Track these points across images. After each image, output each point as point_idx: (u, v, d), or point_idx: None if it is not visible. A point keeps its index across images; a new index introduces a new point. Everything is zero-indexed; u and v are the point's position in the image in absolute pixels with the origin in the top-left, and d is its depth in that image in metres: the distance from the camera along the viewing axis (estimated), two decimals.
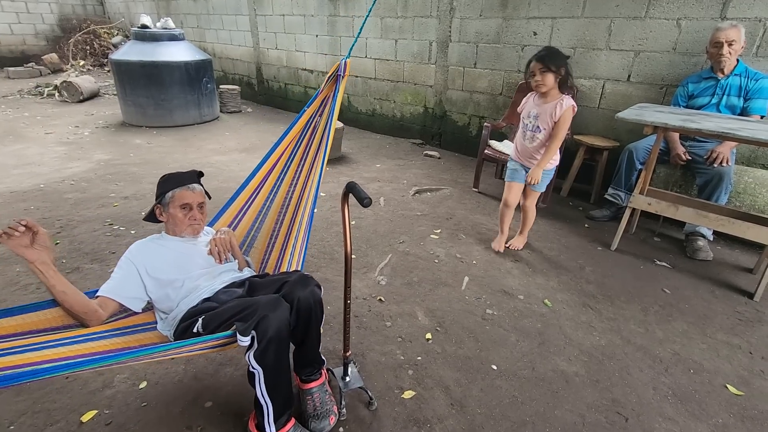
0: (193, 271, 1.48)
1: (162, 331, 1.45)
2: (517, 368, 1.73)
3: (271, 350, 1.20)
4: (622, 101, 3.33)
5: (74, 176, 3.62)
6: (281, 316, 1.23)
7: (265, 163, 1.76)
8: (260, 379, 1.22)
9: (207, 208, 1.58)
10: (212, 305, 1.38)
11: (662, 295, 2.24)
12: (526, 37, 3.74)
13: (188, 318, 1.37)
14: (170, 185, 1.49)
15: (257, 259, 1.84)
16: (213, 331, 1.25)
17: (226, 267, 1.56)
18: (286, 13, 5.93)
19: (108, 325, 1.38)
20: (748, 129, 2.06)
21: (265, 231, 1.85)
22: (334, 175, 3.88)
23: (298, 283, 1.37)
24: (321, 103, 1.65)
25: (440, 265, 2.46)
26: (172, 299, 1.43)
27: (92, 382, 1.58)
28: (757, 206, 2.58)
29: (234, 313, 1.24)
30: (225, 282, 1.50)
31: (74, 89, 6.50)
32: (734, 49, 2.48)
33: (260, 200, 1.82)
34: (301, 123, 1.70)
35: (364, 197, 1.17)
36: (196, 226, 1.53)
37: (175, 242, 1.52)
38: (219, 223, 1.79)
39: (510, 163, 2.55)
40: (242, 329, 1.18)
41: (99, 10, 10.45)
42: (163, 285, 1.43)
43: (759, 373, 1.74)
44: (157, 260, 1.45)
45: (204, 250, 1.53)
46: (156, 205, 1.52)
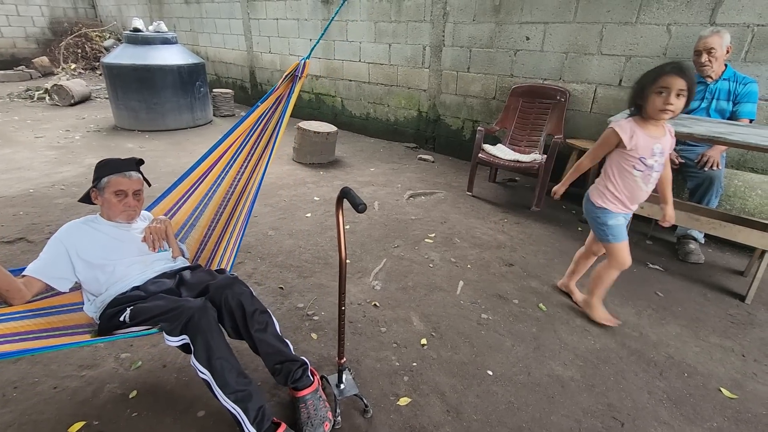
0: (125, 258, 1.50)
1: (88, 312, 1.46)
2: (513, 373, 1.72)
3: (210, 348, 1.24)
4: (614, 106, 3.36)
5: (64, 181, 3.57)
6: (208, 316, 1.28)
7: (211, 155, 1.75)
8: (214, 384, 1.25)
9: (144, 195, 1.58)
10: (141, 294, 1.42)
11: (655, 298, 2.25)
12: (519, 42, 3.76)
13: (116, 305, 1.40)
14: (107, 170, 1.50)
15: (192, 249, 1.84)
16: (139, 323, 1.32)
17: (159, 255, 1.58)
18: (280, 17, 5.92)
19: (32, 304, 1.38)
20: (738, 133, 2.09)
21: (203, 222, 1.84)
22: (328, 179, 3.87)
23: (223, 285, 1.41)
24: (275, 101, 1.65)
25: (435, 269, 2.46)
26: (101, 283, 1.45)
27: (81, 392, 1.55)
28: (747, 209, 2.61)
29: (161, 311, 1.29)
30: (157, 271, 1.53)
31: (65, 93, 6.43)
32: (714, 56, 2.51)
33: (201, 191, 1.81)
34: (251, 119, 1.69)
35: (359, 203, 1.16)
36: (130, 213, 1.54)
37: (109, 226, 1.53)
38: (157, 210, 1.78)
39: (616, 218, 1.86)
40: (168, 329, 1.25)
41: (91, 12, 10.38)
42: (93, 267, 1.45)
43: (752, 375, 1.75)
44: (89, 242, 1.46)
45: (138, 237, 1.56)
46: (92, 188, 1.52)
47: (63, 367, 1.66)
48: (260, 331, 1.40)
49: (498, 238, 2.85)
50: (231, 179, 1.81)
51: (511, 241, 2.81)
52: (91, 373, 1.64)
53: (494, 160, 3.36)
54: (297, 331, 1.91)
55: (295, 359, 1.45)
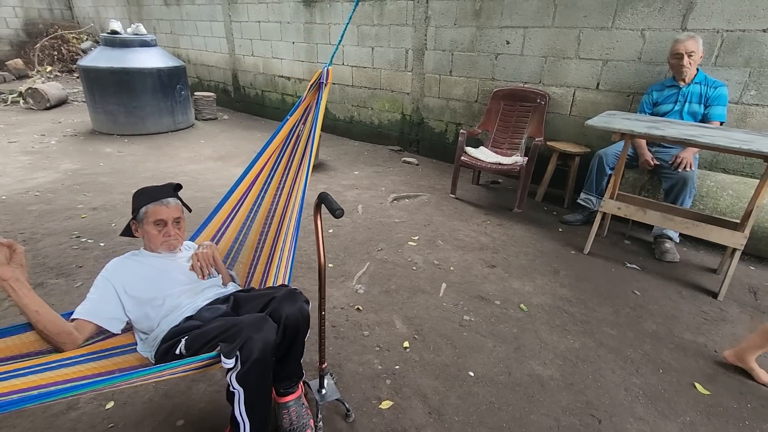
0: (173, 288, 1.42)
1: (142, 352, 1.38)
2: (494, 374, 1.74)
3: (255, 372, 1.16)
4: (592, 108, 3.43)
5: (39, 187, 3.48)
6: (267, 337, 1.18)
7: (248, 174, 1.72)
8: (240, 398, 1.19)
9: (186, 222, 1.53)
10: (195, 324, 1.33)
11: (633, 297, 2.30)
12: (500, 46, 3.82)
13: (170, 338, 1.31)
14: (144, 200, 1.44)
15: (242, 273, 1.79)
16: (197, 352, 1.20)
17: (209, 283, 1.51)
18: (262, 20, 5.89)
19: (84, 349, 1.30)
20: (708, 136, 2.16)
21: (249, 244, 1.80)
22: (312, 182, 3.85)
23: (285, 299, 1.32)
24: (304, 111, 1.64)
25: (418, 272, 2.47)
26: (152, 318, 1.37)
27: (55, 404, 1.51)
28: (719, 209, 2.69)
29: (218, 333, 1.20)
30: (208, 298, 1.45)
31: (40, 96, 6.26)
32: (693, 59, 2.60)
33: (244, 212, 1.78)
34: (284, 132, 1.67)
35: (336, 208, 1.17)
36: (171, 242, 1.47)
37: (153, 258, 1.47)
38: (201, 237, 1.73)
39: None
40: (227, 351, 1.13)
41: (67, 14, 10.14)
42: (143, 304, 1.37)
43: (723, 371, 1.81)
44: (135, 278, 1.39)
45: (185, 266, 1.49)
46: (132, 220, 1.47)
47: None
48: (298, 351, 1.38)
49: (480, 239, 2.88)
50: (272, 196, 1.77)
51: (493, 242, 2.85)
52: None
53: (477, 163, 3.39)
54: None
55: (299, 374, 1.44)
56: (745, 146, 2.00)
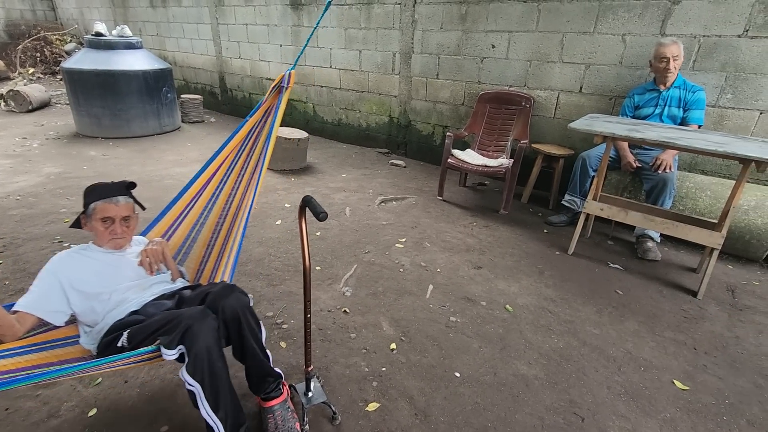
0: (121, 284, 1.44)
1: (84, 345, 1.40)
2: (480, 374, 1.76)
3: (204, 361, 1.18)
4: (576, 111, 3.49)
5: (20, 191, 3.41)
6: (208, 325, 1.22)
7: (204, 172, 1.72)
8: (201, 396, 1.20)
9: (137, 220, 1.53)
10: (139, 318, 1.36)
11: (615, 296, 2.34)
12: (485, 50, 3.86)
13: (113, 331, 1.34)
14: (94, 197, 1.44)
15: (192, 270, 1.80)
16: (138, 345, 1.24)
17: (157, 279, 1.53)
18: (249, 23, 5.86)
19: (26, 340, 1.31)
20: (686, 138, 2.21)
21: (201, 241, 1.80)
22: (299, 185, 3.85)
23: (221, 293, 1.36)
24: (264, 113, 1.64)
25: (405, 274, 2.48)
26: (98, 312, 1.39)
27: (36, 412, 1.48)
28: (698, 209, 2.76)
29: (159, 326, 1.23)
30: (155, 294, 1.48)
31: (22, 98, 6.14)
32: (678, 63, 2.67)
33: (198, 210, 1.78)
34: (242, 133, 1.67)
35: (320, 211, 1.17)
36: (117, 241, 1.47)
37: (102, 253, 1.47)
38: (153, 233, 1.73)
39: None
40: (166, 342, 1.17)
41: (50, 15, 9.97)
42: (89, 298, 1.38)
43: (702, 367, 1.85)
44: (83, 272, 1.40)
45: (134, 261, 1.50)
46: (81, 214, 1.47)
47: (16, 388, 1.59)
48: (251, 343, 1.37)
49: (467, 241, 2.91)
50: (226, 196, 1.77)
51: (479, 244, 2.87)
52: (47, 392, 1.58)
53: (463, 165, 3.43)
54: (266, 340, 1.87)
55: (273, 375, 1.44)
56: (722, 148, 2.06)
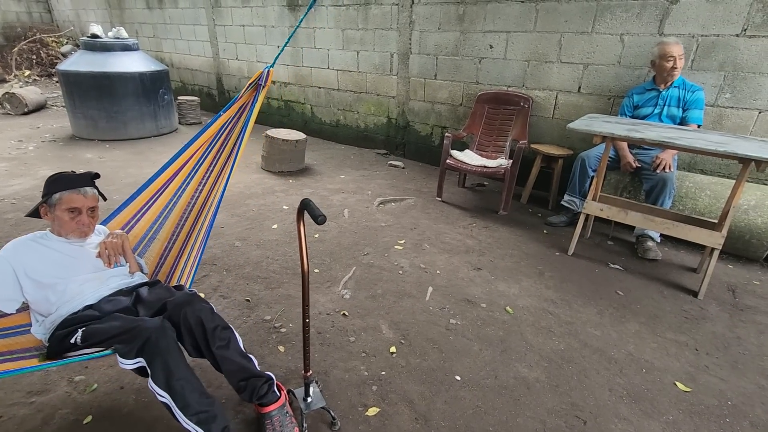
0: (78, 275, 1.42)
1: (36, 334, 1.39)
2: (480, 377, 1.74)
3: (169, 369, 1.19)
4: (574, 111, 3.48)
5: (16, 194, 3.39)
6: (167, 336, 1.23)
7: (170, 166, 1.69)
8: (173, 407, 1.20)
9: (99, 211, 1.52)
10: (94, 314, 1.35)
11: (616, 297, 2.33)
12: (483, 50, 3.85)
13: (67, 325, 1.33)
14: (59, 186, 1.41)
15: (151, 264, 1.78)
16: (92, 345, 1.25)
17: (115, 272, 1.52)
18: (246, 24, 5.84)
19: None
20: (686, 138, 2.20)
21: (162, 236, 1.78)
22: (298, 187, 3.83)
23: (181, 302, 1.36)
24: (238, 110, 1.62)
25: (404, 276, 2.46)
26: (52, 303, 1.37)
27: (29, 420, 1.46)
28: (697, 209, 2.75)
29: (116, 333, 1.24)
30: (112, 288, 1.47)
31: (18, 101, 6.11)
32: (682, 63, 2.66)
33: (161, 204, 1.75)
34: (213, 128, 1.64)
35: (318, 215, 1.15)
36: (84, 230, 1.46)
37: (60, 243, 1.45)
38: (113, 224, 1.70)
39: None
40: (123, 352, 1.19)
41: (46, 17, 9.92)
42: (43, 287, 1.37)
43: (704, 368, 1.84)
44: (38, 261, 1.38)
45: (93, 253, 1.48)
46: (41, 204, 1.44)
47: (10, 394, 1.57)
48: (222, 348, 1.36)
49: (467, 242, 2.89)
50: (192, 190, 1.75)
51: (479, 245, 2.86)
52: (42, 399, 1.55)
53: (462, 166, 3.41)
54: (264, 344, 1.87)
55: (259, 375, 1.42)
56: (721, 148, 2.05)
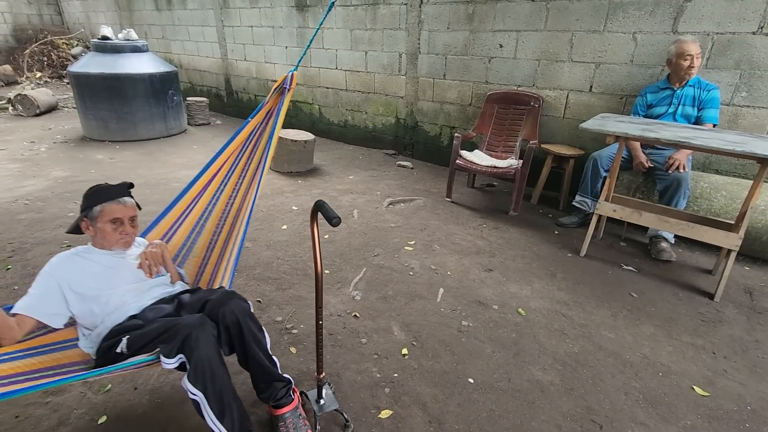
0: (120, 287, 1.43)
1: (84, 348, 1.39)
2: (494, 380, 1.73)
3: (205, 370, 1.18)
4: (586, 111, 3.44)
5: (29, 195, 3.42)
6: (207, 333, 1.22)
7: (204, 174, 1.70)
8: (204, 406, 1.19)
9: (138, 220, 1.52)
10: (138, 323, 1.35)
11: (630, 299, 2.30)
12: (493, 50, 3.82)
13: (112, 336, 1.33)
14: (98, 198, 1.43)
15: (192, 273, 1.78)
16: (137, 351, 1.24)
17: (156, 282, 1.52)
18: (255, 25, 5.86)
19: (25, 344, 1.30)
20: (702, 138, 2.17)
21: (201, 244, 1.78)
22: (306, 187, 3.83)
23: (220, 300, 1.35)
24: (265, 115, 1.62)
25: (415, 277, 2.45)
26: (97, 315, 1.38)
27: (45, 420, 1.47)
28: (713, 210, 2.70)
29: (157, 334, 1.23)
30: (154, 297, 1.47)
31: (30, 102, 6.18)
32: (699, 61, 2.62)
33: (197, 212, 1.76)
34: (243, 135, 1.66)
35: (333, 216, 1.15)
36: (128, 240, 1.47)
37: (102, 255, 1.46)
38: (152, 235, 1.72)
39: None
40: (166, 351, 1.18)
41: (57, 20, 10.05)
42: (87, 300, 1.37)
43: (722, 372, 1.81)
44: (81, 274, 1.39)
45: (133, 264, 1.49)
46: (82, 218, 1.45)
47: (26, 395, 1.58)
48: (254, 349, 1.36)
49: (477, 243, 2.87)
50: (226, 197, 1.75)
51: (490, 246, 2.84)
52: (57, 399, 1.57)
53: (472, 166, 3.39)
54: (275, 345, 1.87)
55: (281, 379, 1.42)
56: (739, 148, 2.01)
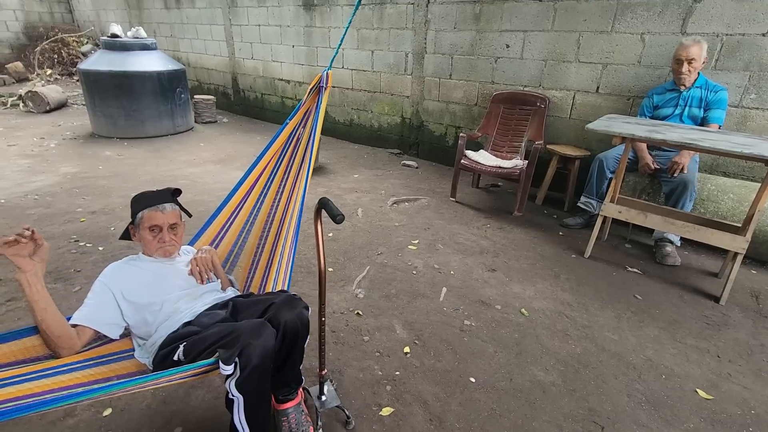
0: (171, 293, 1.41)
1: (140, 358, 1.36)
2: (495, 380, 1.73)
3: (254, 378, 1.15)
4: (592, 112, 3.43)
5: (38, 190, 3.47)
6: (266, 343, 1.17)
7: (248, 178, 1.72)
8: (240, 406, 1.18)
9: (184, 228, 1.51)
10: (193, 330, 1.32)
11: (634, 301, 2.29)
12: (499, 50, 3.82)
13: (168, 344, 1.30)
14: (140, 205, 1.43)
15: (241, 278, 1.78)
16: (195, 358, 1.19)
17: (208, 287, 1.50)
18: (262, 24, 5.89)
19: (82, 355, 1.28)
20: (709, 139, 2.15)
21: (248, 248, 1.79)
22: (311, 186, 3.84)
23: (284, 305, 1.31)
24: (304, 115, 1.63)
25: (418, 276, 2.46)
26: (150, 323, 1.36)
27: (52, 412, 1.49)
28: (720, 213, 2.68)
29: (216, 339, 1.19)
30: (207, 304, 1.44)
31: (40, 99, 6.26)
32: (694, 66, 2.60)
33: (243, 216, 1.77)
34: (284, 136, 1.67)
35: (337, 214, 1.15)
36: (166, 249, 1.46)
37: (151, 263, 1.45)
38: (200, 242, 1.72)
39: None
40: (225, 357, 1.12)
41: (67, 17, 10.16)
42: (141, 309, 1.36)
43: (726, 376, 1.79)
44: (133, 283, 1.38)
45: (184, 271, 1.48)
46: (130, 225, 1.47)
47: None
48: (297, 356, 1.37)
49: (481, 243, 2.87)
50: (271, 200, 1.76)
51: (493, 246, 2.83)
52: None
53: (477, 166, 3.39)
54: None
55: (299, 380, 1.43)
56: (747, 150, 1.99)
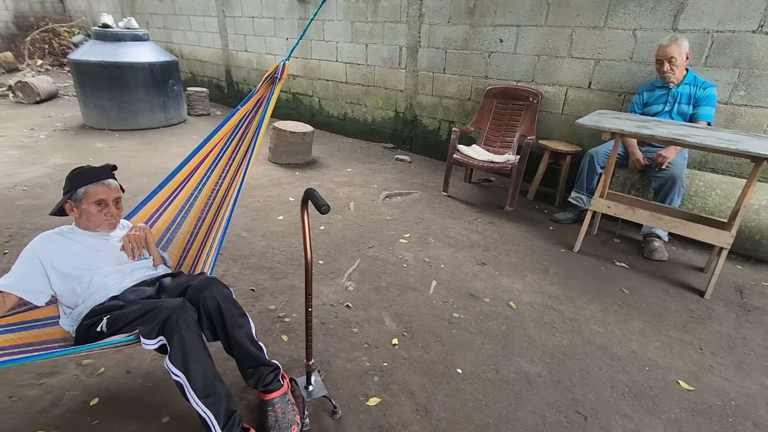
0: (102, 267, 1.46)
1: (64, 326, 1.42)
2: (482, 371, 1.75)
3: (185, 350, 1.20)
4: (584, 107, 3.44)
5: (27, 182, 3.44)
6: (187, 316, 1.24)
7: (191, 160, 1.72)
8: (187, 386, 1.21)
9: (122, 203, 1.54)
10: (119, 304, 1.38)
11: (621, 295, 2.32)
12: (493, 44, 3.82)
13: (93, 315, 1.36)
14: (82, 180, 1.44)
15: (175, 257, 1.81)
16: (117, 331, 1.26)
17: (139, 264, 1.54)
18: (256, 16, 5.84)
19: (5, 320, 1.33)
20: (697, 135, 2.17)
21: (184, 230, 1.81)
22: (304, 179, 3.84)
23: (201, 285, 1.38)
24: (255, 103, 1.64)
25: (408, 269, 2.47)
26: (78, 294, 1.40)
27: (39, 401, 1.50)
28: (707, 208, 2.71)
29: (138, 315, 1.25)
30: (136, 279, 1.50)
31: (30, 90, 6.18)
32: (676, 64, 2.62)
33: (182, 198, 1.78)
34: (232, 122, 1.67)
35: (322, 204, 1.16)
36: (112, 222, 1.50)
37: (85, 236, 1.48)
38: (136, 218, 1.73)
39: None
40: (146, 332, 1.20)
41: (59, 7, 10.01)
42: (70, 279, 1.40)
43: (708, 368, 1.83)
44: (64, 254, 1.41)
45: (117, 246, 1.51)
46: (66, 200, 1.46)
47: (20, 376, 1.60)
48: (237, 334, 1.38)
49: (472, 237, 2.88)
50: (213, 184, 1.78)
51: (484, 240, 2.85)
52: (51, 381, 1.59)
53: (469, 161, 3.40)
54: (268, 333, 1.89)
55: (267, 364, 1.44)
56: (733, 146, 2.02)
